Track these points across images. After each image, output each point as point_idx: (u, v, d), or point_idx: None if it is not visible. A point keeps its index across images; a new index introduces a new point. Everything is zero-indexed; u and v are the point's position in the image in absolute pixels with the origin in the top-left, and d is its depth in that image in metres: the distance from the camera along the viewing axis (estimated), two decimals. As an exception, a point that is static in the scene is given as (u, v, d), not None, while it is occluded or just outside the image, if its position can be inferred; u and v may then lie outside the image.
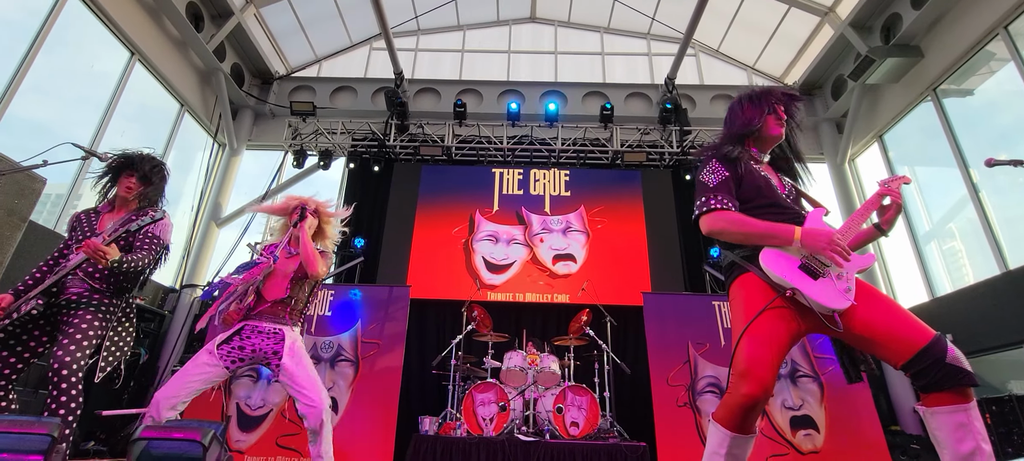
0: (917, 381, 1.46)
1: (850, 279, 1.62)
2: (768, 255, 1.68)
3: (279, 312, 2.49)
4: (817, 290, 1.57)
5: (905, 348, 1.46)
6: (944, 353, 1.41)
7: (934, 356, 1.41)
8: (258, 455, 4.36)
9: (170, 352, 5.80)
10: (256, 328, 2.45)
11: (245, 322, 2.46)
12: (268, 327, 2.45)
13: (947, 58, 5.65)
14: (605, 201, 6.87)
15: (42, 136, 5.04)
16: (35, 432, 1.54)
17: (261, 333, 2.44)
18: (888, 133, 6.78)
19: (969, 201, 5.47)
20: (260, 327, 2.45)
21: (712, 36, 8.32)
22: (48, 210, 5.26)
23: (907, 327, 1.48)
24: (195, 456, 1.44)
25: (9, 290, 2.31)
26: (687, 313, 4.91)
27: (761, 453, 4.31)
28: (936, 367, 1.41)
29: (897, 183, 1.75)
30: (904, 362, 1.46)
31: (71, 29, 5.23)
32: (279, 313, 2.49)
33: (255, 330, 2.45)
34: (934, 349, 1.42)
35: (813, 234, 1.63)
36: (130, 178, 2.52)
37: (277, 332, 2.45)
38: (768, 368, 1.50)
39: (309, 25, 7.96)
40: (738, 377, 1.54)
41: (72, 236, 2.47)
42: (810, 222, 1.76)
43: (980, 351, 5.04)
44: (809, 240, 1.63)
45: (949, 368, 1.40)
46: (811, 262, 1.64)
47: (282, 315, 2.49)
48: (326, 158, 7.29)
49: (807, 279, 1.61)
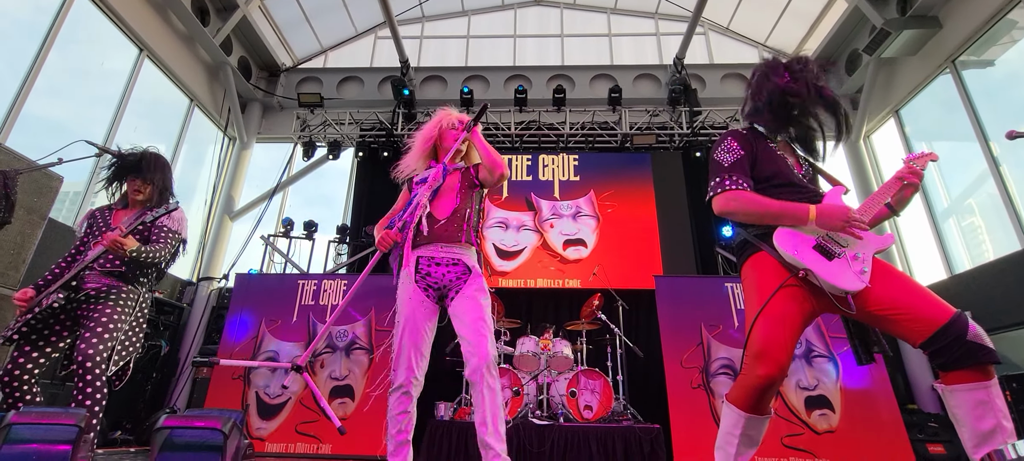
0: (936, 359, 1.43)
1: (866, 260, 1.57)
2: (782, 234, 1.65)
3: (454, 233, 2.15)
4: (831, 271, 1.55)
5: (925, 327, 1.42)
6: (965, 330, 1.37)
7: (955, 333, 1.38)
8: (279, 442, 4.46)
9: (190, 344, 5.92)
10: (432, 259, 2.15)
11: (418, 252, 2.16)
12: (445, 255, 2.14)
13: (966, 28, 5.49)
14: (615, 185, 6.82)
15: (59, 135, 5.12)
16: (63, 423, 1.58)
17: (439, 264, 2.14)
18: (904, 108, 6.62)
19: (989, 176, 5.34)
20: (436, 256, 2.15)
21: (721, 13, 8.15)
22: (66, 208, 5.36)
23: (926, 305, 1.44)
24: (216, 444, 1.48)
25: (30, 285, 2.36)
26: (699, 295, 4.89)
27: (776, 434, 4.30)
28: (957, 345, 1.37)
29: (924, 161, 1.71)
30: (924, 340, 1.42)
31: (81, 27, 5.28)
32: (454, 234, 2.15)
33: (431, 261, 2.15)
34: (955, 326, 1.38)
35: (829, 212, 1.60)
36: (135, 180, 2.56)
37: (456, 263, 2.14)
38: (783, 349, 1.49)
39: (314, 16, 7.95)
40: (753, 358, 1.52)
41: (88, 232, 2.52)
42: (828, 200, 1.71)
43: (1001, 328, 4.96)
44: (824, 218, 1.60)
45: (970, 345, 1.36)
46: (826, 242, 1.61)
47: (457, 235, 2.15)
48: (335, 149, 7.32)
49: (821, 259, 1.57)
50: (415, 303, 2.10)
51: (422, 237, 2.15)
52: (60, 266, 2.45)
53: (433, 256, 2.14)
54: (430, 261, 2.14)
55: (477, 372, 1.93)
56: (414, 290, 2.12)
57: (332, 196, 14.95)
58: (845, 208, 1.61)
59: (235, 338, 4.89)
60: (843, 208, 1.61)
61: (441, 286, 2.13)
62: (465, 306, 2.07)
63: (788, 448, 4.26)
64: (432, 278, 2.12)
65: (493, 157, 2.20)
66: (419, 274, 2.13)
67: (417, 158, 2.39)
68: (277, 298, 5.05)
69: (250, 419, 4.53)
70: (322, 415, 4.52)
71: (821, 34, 7.30)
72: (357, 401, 4.60)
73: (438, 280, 2.12)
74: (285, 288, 5.10)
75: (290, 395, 4.62)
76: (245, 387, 4.66)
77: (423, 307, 2.11)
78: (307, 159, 7.32)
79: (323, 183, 30.55)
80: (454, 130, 2.35)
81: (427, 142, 2.39)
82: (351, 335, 4.85)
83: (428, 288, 2.12)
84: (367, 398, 4.61)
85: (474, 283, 2.12)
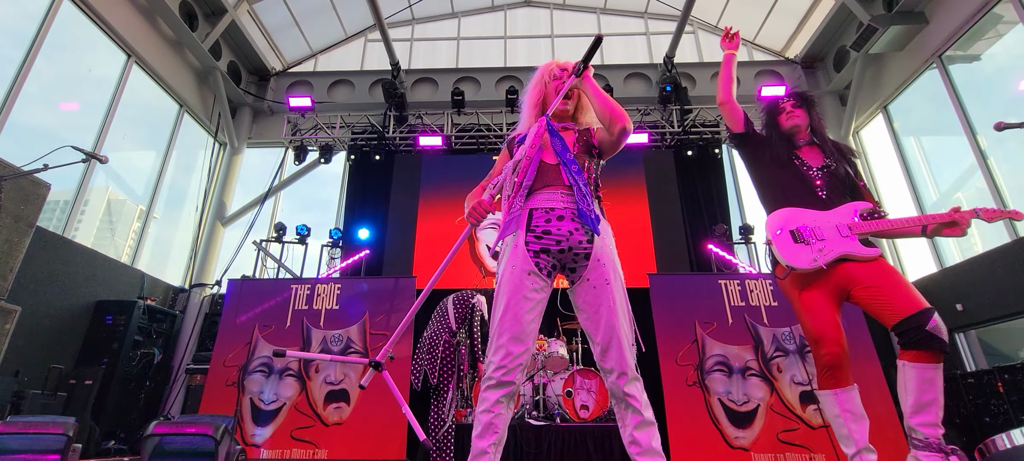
0: (901, 339, 1.78)
1: (830, 253, 1.93)
2: (779, 240, 2.03)
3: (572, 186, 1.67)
4: (790, 250, 1.99)
5: (897, 313, 1.77)
6: (927, 322, 1.71)
7: (918, 323, 1.72)
8: (274, 448, 4.42)
9: (184, 351, 5.87)
10: (550, 212, 1.67)
11: (530, 204, 1.69)
12: (564, 207, 1.67)
13: (952, 23, 5.55)
14: (607, 184, 6.78)
15: (47, 142, 5.06)
16: (50, 432, 1.56)
17: (562, 218, 1.66)
18: (893, 103, 6.68)
19: (977, 169, 5.40)
20: (555, 208, 1.67)
21: (710, 12, 8.20)
22: (57, 217, 5.30)
23: (903, 297, 1.78)
24: (207, 450, 1.46)
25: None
26: (693, 293, 4.91)
27: (772, 429, 4.32)
28: (918, 331, 1.72)
29: (993, 217, 1.86)
30: (894, 323, 1.78)
31: (67, 34, 5.23)
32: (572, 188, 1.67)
33: (549, 214, 1.66)
34: (921, 317, 1.73)
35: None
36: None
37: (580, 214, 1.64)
38: (831, 326, 1.88)
39: (303, 19, 7.91)
40: (814, 345, 1.92)
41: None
42: (836, 212, 2.03)
43: (992, 320, 5.01)
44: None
45: (928, 334, 1.71)
46: (803, 232, 2.01)
47: (578, 187, 1.66)
48: (326, 153, 7.29)
49: (789, 242, 2.01)
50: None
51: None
52: None
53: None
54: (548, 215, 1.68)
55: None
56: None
57: (326, 200, 14.86)
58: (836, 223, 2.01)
59: (229, 344, 4.85)
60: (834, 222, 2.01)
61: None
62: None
63: (784, 443, 4.28)
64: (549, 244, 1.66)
65: (611, 105, 1.73)
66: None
67: (527, 124, 1.93)
68: (270, 303, 5.02)
69: (245, 426, 4.50)
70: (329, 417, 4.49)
71: (809, 31, 7.36)
72: (353, 405, 4.57)
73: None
74: (278, 293, 5.07)
75: (285, 401, 4.59)
76: (239, 394, 4.62)
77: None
78: (299, 163, 7.29)
79: (317, 187, 30.39)
80: (557, 80, 1.92)
81: (535, 104, 1.95)
82: (346, 339, 4.82)
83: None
84: (363, 402, 4.58)
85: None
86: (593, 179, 1.79)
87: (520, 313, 1.59)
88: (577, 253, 1.64)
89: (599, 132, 1.85)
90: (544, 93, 1.94)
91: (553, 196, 1.68)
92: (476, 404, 1.58)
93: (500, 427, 1.53)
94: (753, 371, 4.56)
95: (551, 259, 1.65)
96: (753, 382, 4.52)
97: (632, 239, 6.50)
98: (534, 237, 1.65)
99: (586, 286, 1.63)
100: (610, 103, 1.74)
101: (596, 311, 1.59)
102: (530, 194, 1.71)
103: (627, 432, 1.53)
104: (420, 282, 5.29)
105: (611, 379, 1.55)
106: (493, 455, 1.51)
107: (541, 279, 1.64)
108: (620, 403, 1.55)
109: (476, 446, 1.51)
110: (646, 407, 1.53)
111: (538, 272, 1.63)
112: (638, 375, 1.56)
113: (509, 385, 1.54)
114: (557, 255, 1.65)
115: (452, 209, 6.78)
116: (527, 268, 1.63)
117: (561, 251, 1.65)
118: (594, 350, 1.61)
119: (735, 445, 4.31)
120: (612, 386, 1.55)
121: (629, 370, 1.53)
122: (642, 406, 1.52)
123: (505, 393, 1.54)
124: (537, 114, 1.93)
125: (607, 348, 1.55)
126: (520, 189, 1.68)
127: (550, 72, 1.96)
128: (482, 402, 1.55)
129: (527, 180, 1.68)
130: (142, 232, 6.29)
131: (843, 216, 2.00)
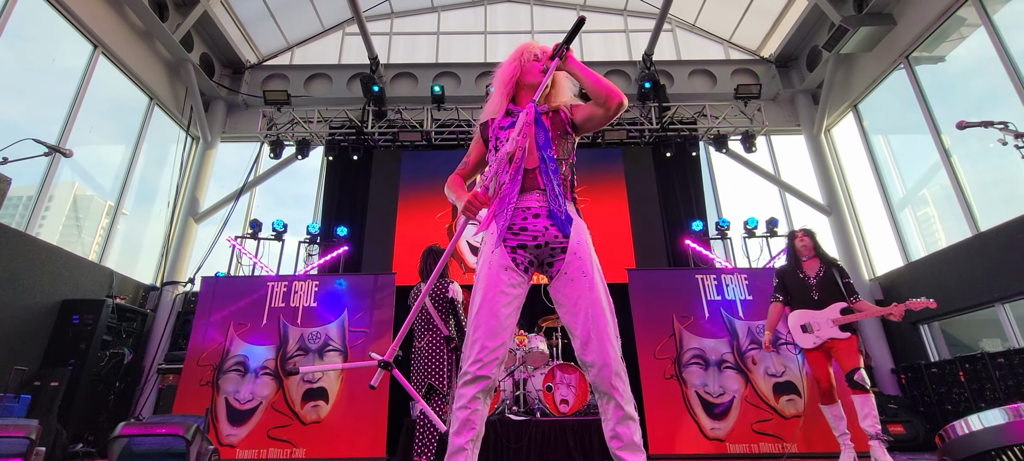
0: (847, 382, 3.33)
1: (822, 336, 3.48)
2: (794, 331, 3.63)
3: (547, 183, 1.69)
4: (801, 337, 3.59)
5: (845, 369, 3.35)
6: (855, 374, 3.28)
7: (851, 375, 3.30)
8: (250, 448, 4.35)
9: (155, 351, 5.72)
10: (526, 211, 1.68)
11: (503, 203, 1.69)
12: (540, 206, 1.69)
13: (919, 25, 5.73)
14: (587, 180, 6.88)
15: (8, 135, 4.85)
16: (12, 435, 1.51)
17: (538, 216, 1.68)
18: (863, 102, 6.88)
19: (941, 167, 5.59)
20: (531, 207, 1.69)
21: (688, 10, 8.30)
22: (20, 213, 5.10)
23: (851, 362, 3.33)
24: (178, 451, 1.43)
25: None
26: (671, 288, 4.98)
27: (746, 420, 4.43)
28: (849, 378, 3.30)
29: (919, 306, 3.28)
30: (845, 374, 3.34)
31: (30, 23, 5.02)
32: (547, 184, 1.69)
33: (526, 213, 1.68)
34: (852, 372, 3.30)
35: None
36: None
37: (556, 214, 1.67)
38: (825, 375, 3.51)
39: (278, 11, 7.75)
40: (816, 383, 3.55)
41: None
42: (826, 311, 3.52)
43: (954, 312, 5.21)
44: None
45: (855, 381, 3.28)
46: (810, 325, 3.54)
47: (552, 188, 1.68)
48: (304, 148, 7.16)
49: (800, 332, 3.59)
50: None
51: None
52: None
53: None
54: (524, 214, 1.70)
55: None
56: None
57: (303, 195, 14.62)
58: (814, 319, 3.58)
59: (202, 343, 4.74)
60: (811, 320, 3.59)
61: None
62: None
63: (758, 434, 4.39)
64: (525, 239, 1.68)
65: (602, 82, 1.71)
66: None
67: (499, 103, 1.92)
68: (246, 301, 4.92)
69: (219, 426, 4.41)
70: (296, 419, 4.43)
71: (783, 31, 7.51)
72: (331, 404, 4.53)
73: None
74: (254, 291, 4.98)
75: (261, 400, 4.51)
76: (214, 393, 4.53)
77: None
78: (275, 158, 7.14)
79: (294, 183, 29.82)
80: (538, 62, 1.89)
81: (508, 81, 1.91)
82: (324, 337, 4.76)
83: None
84: (341, 400, 4.54)
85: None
86: (568, 169, 1.78)
87: (496, 307, 1.58)
88: (553, 248, 1.66)
89: (578, 109, 1.84)
90: (519, 71, 1.91)
91: (530, 196, 1.71)
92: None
93: (477, 423, 1.53)
94: (729, 363, 4.66)
95: (528, 255, 1.67)
96: (728, 374, 4.62)
97: (611, 235, 6.56)
98: (511, 233, 1.67)
99: (564, 279, 1.64)
100: (601, 80, 1.71)
101: (574, 304, 1.60)
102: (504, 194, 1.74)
103: (609, 426, 1.53)
104: (400, 279, 5.25)
105: (593, 372, 1.55)
106: (471, 451, 1.50)
107: (518, 274, 1.65)
108: (603, 396, 1.55)
109: (454, 443, 1.50)
110: (628, 401, 1.53)
111: (515, 267, 1.64)
112: (622, 367, 1.56)
113: (485, 380, 1.53)
114: (534, 250, 1.67)
115: (432, 205, 6.73)
116: (504, 263, 1.64)
117: (537, 246, 1.66)
118: (574, 344, 1.61)
119: (711, 436, 4.40)
120: (595, 379, 1.55)
121: (612, 362, 1.53)
122: (625, 400, 1.52)
123: (481, 388, 1.53)
124: (509, 91, 1.91)
125: (587, 341, 1.55)
126: (515, 182, 1.70)
127: (530, 52, 1.93)
128: (458, 398, 1.55)
129: (520, 175, 1.70)
130: (111, 229, 6.09)
131: (830, 313, 3.46)
